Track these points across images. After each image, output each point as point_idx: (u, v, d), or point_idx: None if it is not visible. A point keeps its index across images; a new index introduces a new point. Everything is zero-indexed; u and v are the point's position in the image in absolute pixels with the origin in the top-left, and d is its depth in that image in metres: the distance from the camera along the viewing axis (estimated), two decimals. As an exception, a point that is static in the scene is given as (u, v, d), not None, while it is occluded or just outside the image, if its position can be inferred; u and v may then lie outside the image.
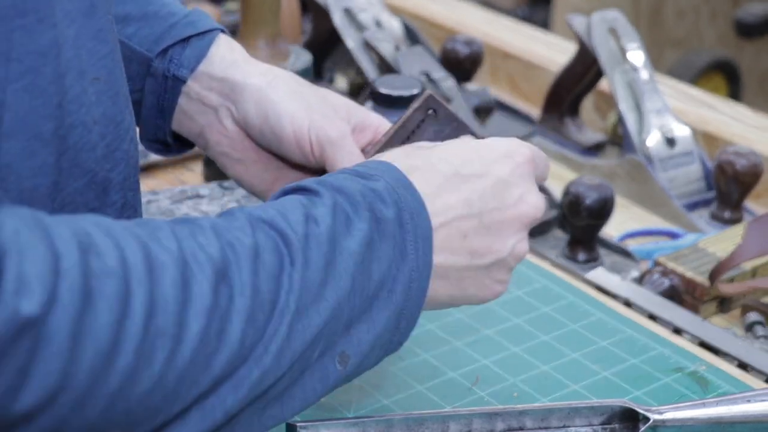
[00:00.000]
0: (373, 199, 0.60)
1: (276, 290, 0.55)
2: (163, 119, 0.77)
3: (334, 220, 0.59)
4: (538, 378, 0.79)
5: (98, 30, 0.58)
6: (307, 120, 0.73)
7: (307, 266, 0.56)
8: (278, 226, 0.57)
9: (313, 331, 0.56)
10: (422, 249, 0.61)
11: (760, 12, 2.49)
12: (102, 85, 0.58)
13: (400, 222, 0.60)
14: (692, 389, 0.79)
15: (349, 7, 1.29)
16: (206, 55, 0.75)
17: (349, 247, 0.58)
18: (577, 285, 0.92)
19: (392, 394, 0.77)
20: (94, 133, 0.57)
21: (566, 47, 1.42)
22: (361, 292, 0.59)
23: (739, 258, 0.91)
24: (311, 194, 0.60)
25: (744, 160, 1.07)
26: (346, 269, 0.58)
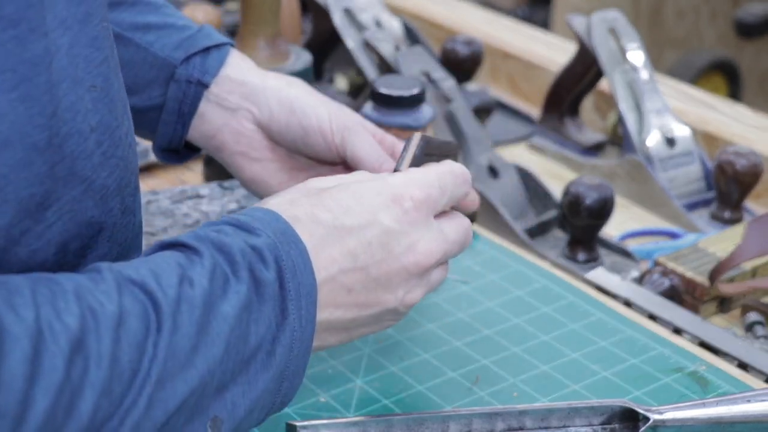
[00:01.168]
0: (254, 258, 0.58)
1: (138, 359, 0.52)
2: (183, 124, 0.80)
3: (211, 282, 0.56)
4: (538, 378, 0.79)
5: (94, 38, 0.58)
6: (326, 112, 0.78)
7: (175, 332, 0.53)
8: (148, 287, 0.54)
9: (178, 400, 0.53)
10: (305, 308, 0.59)
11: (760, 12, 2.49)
12: (99, 93, 0.58)
13: (281, 283, 0.58)
14: (692, 389, 0.79)
15: (349, 7, 1.29)
16: (225, 63, 0.79)
17: (225, 311, 0.56)
18: (577, 285, 0.92)
19: (392, 394, 0.77)
20: (91, 140, 0.57)
21: (566, 47, 1.42)
22: (236, 356, 0.56)
23: (739, 258, 0.91)
24: (191, 252, 0.57)
25: (744, 160, 1.07)
26: (219, 334, 0.55)
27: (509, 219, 1.06)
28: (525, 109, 1.36)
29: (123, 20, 0.79)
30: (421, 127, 0.97)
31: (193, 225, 0.91)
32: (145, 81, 0.79)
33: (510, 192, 1.10)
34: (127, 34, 0.79)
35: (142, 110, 0.80)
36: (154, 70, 0.79)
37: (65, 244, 0.56)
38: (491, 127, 1.28)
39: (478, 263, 0.95)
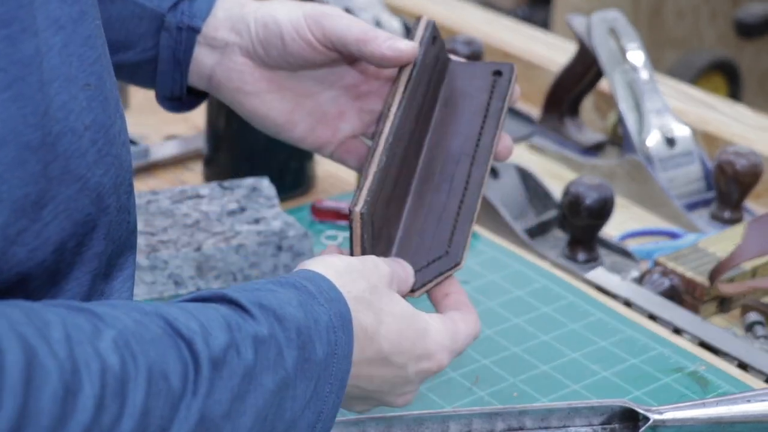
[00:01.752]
0: (309, 337, 0.58)
1: (170, 416, 0.51)
2: (180, 72, 0.78)
3: (257, 353, 0.55)
4: (538, 378, 0.79)
5: (87, 36, 0.58)
6: (300, 13, 0.75)
7: (210, 396, 0.53)
8: (195, 347, 0.53)
9: None
10: (336, 392, 0.60)
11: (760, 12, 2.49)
12: (93, 91, 0.58)
13: (326, 364, 0.59)
14: (692, 389, 0.79)
15: (349, 7, 1.29)
16: (215, 4, 0.77)
17: (266, 384, 0.56)
18: (577, 285, 0.92)
19: (392, 394, 0.77)
20: (85, 139, 0.57)
21: (566, 47, 1.42)
22: (270, 429, 0.57)
23: (739, 258, 0.91)
24: (246, 315, 0.57)
25: (744, 160, 1.07)
26: (255, 405, 0.55)
27: (509, 219, 1.06)
28: (525, 109, 1.36)
29: None
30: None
31: (193, 225, 0.91)
32: (137, 35, 0.78)
33: (510, 192, 1.10)
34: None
35: (138, 63, 0.79)
36: (144, 23, 0.78)
37: (63, 242, 0.56)
38: (491, 127, 1.28)
39: (478, 263, 0.95)
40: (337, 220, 1.03)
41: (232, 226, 0.91)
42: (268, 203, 0.95)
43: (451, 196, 0.74)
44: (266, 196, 0.96)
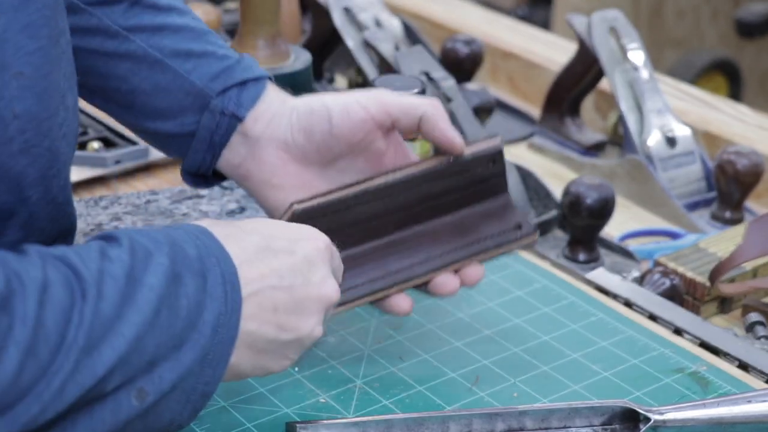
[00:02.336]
0: (174, 239, 0.61)
1: (64, 324, 0.54)
2: (213, 154, 0.80)
3: (132, 257, 0.58)
4: (539, 378, 0.79)
5: (26, 24, 0.58)
6: (354, 96, 0.77)
7: (100, 300, 0.56)
8: (70, 261, 0.56)
9: (105, 365, 0.56)
10: (231, 295, 0.62)
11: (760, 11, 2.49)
12: (26, 81, 0.58)
13: (203, 262, 0.61)
14: (693, 390, 0.79)
15: (348, 6, 1.29)
16: (260, 97, 0.79)
17: (150, 282, 0.58)
18: (577, 285, 0.92)
19: (392, 394, 0.77)
20: (12, 127, 0.57)
21: (566, 47, 1.42)
22: (168, 329, 0.59)
23: (739, 258, 0.91)
24: (109, 237, 0.60)
25: (745, 159, 1.06)
26: (147, 303, 0.58)
27: (509, 219, 1.06)
28: (525, 109, 1.36)
29: (165, 46, 0.80)
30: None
31: (193, 225, 0.91)
32: (181, 107, 0.80)
33: (510, 192, 1.10)
34: (167, 61, 0.80)
35: (174, 135, 0.81)
36: (190, 98, 0.80)
37: None
38: (491, 126, 1.28)
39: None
40: None
41: (231, 226, 0.91)
42: (268, 203, 0.95)
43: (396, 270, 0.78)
44: (266, 196, 0.96)
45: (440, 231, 0.79)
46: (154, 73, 0.79)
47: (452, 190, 0.79)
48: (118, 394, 0.58)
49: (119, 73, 0.80)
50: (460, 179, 0.79)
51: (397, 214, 0.78)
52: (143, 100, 0.80)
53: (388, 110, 0.77)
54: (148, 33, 0.79)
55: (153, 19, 0.80)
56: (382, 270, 0.77)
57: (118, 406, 0.58)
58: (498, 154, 0.79)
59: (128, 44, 0.79)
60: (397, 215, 0.78)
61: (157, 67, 0.79)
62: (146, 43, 0.79)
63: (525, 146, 1.28)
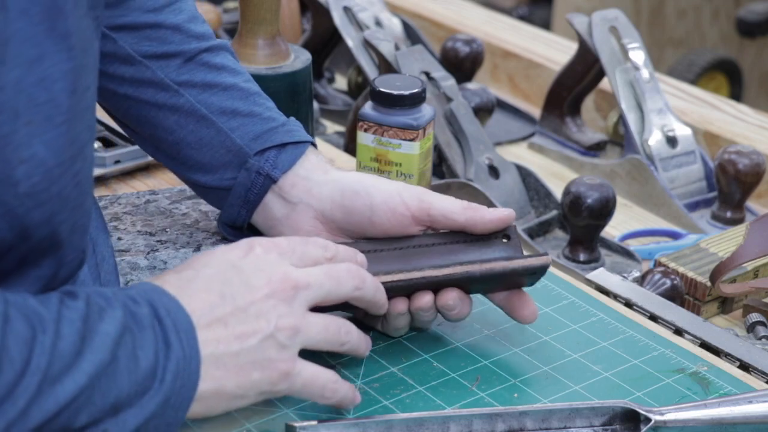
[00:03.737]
0: (127, 299, 0.64)
1: (28, 352, 0.58)
2: (247, 210, 0.84)
3: (88, 307, 0.62)
4: (539, 378, 0.79)
5: (42, 78, 0.60)
6: (393, 187, 0.80)
7: (59, 338, 0.59)
8: (29, 302, 0.60)
9: (67, 395, 0.59)
10: (185, 340, 0.64)
11: (762, 11, 2.49)
12: (36, 129, 0.60)
13: (156, 316, 0.64)
14: (694, 390, 0.79)
15: (349, 6, 1.29)
16: (299, 161, 0.83)
17: (105, 329, 0.61)
18: (577, 285, 0.92)
19: (392, 394, 0.76)
20: (19, 171, 0.60)
21: (567, 46, 1.41)
22: (129, 375, 0.61)
23: (740, 258, 0.91)
24: (68, 293, 0.63)
25: (746, 159, 1.06)
26: (104, 345, 0.61)
27: (510, 219, 1.05)
28: (525, 109, 1.36)
29: (213, 103, 0.84)
30: (421, 126, 0.97)
31: (192, 225, 0.91)
32: (221, 163, 0.84)
33: (510, 191, 1.10)
34: (213, 117, 0.84)
35: (212, 188, 0.85)
36: (231, 155, 0.84)
37: None
38: (491, 126, 1.28)
39: (478, 263, 0.94)
40: None
41: (231, 226, 0.91)
42: (268, 203, 0.95)
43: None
44: (266, 195, 0.96)
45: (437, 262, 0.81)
46: (199, 127, 0.84)
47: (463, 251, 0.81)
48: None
49: (167, 124, 0.85)
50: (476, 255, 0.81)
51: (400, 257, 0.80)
52: (187, 152, 0.85)
53: (430, 213, 0.79)
54: (198, 89, 0.84)
55: (205, 76, 0.85)
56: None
57: None
58: (512, 231, 0.81)
59: (178, 98, 0.84)
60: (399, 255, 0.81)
61: (203, 122, 0.84)
62: (195, 98, 0.84)
63: (525, 146, 1.28)
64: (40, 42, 0.60)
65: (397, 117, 0.96)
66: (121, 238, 0.89)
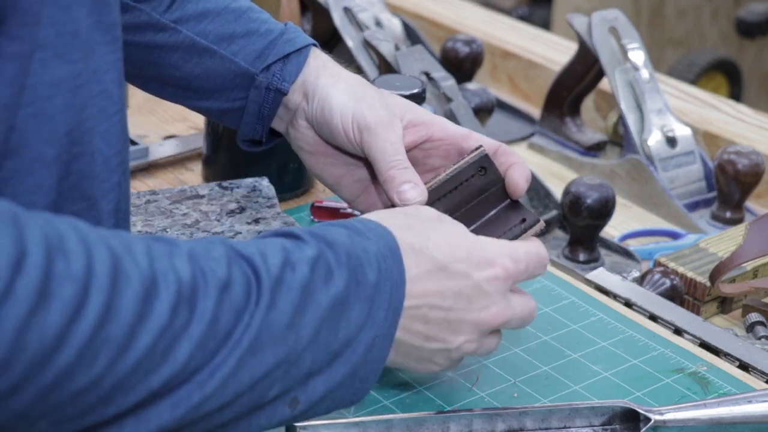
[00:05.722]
0: (359, 261, 0.63)
1: (234, 323, 0.58)
2: (263, 125, 0.86)
3: (313, 271, 0.62)
4: (539, 378, 0.79)
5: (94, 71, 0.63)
6: (352, 110, 0.80)
7: (272, 308, 0.59)
8: (254, 264, 0.60)
9: (264, 369, 0.59)
10: (391, 320, 0.65)
11: (761, 11, 2.49)
12: (93, 122, 0.63)
13: (378, 288, 0.64)
14: (693, 390, 0.79)
15: (349, 6, 1.29)
16: (302, 69, 0.84)
17: (321, 301, 0.61)
18: (577, 285, 0.92)
19: (392, 394, 0.77)
20: (98, 163, 0.62)
21: (566, 47, 1.41)
22: (326, 347, 0.62)
23: (740, 258, 0.91)
24: (299, 241, 0.63)
25: (745, 159, 1.06)
26: (312, 320, 0.61)
27: (509, 219, 1.05)
28: (525, 109, 1.36)
29: (210, 32, 0.85)
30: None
31: (193, 225, 0.91)
32: (230, 87, 0.86)
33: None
34: (214, 46, 0.85)
35: (227, 110, 0.87)
36: (238, 78, 0.85)
37: None
38: (491, 126, 1.28)
39: (478, 263, 0.94)
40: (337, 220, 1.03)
41: (231, 226, 0.91)
42: (268, 203, 0.95)
43: None
44: (266, 196, 0.96)
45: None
46: (203, 59, 0.85)
47: (456, 208, 0.79)
48: (276, 402, 0.62)
49: (171, 62, 0.86)
50: (460, 195, 0.79)
51: None
52: (197, 83, 0.86)
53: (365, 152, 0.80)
54: (193, 22, 0.85)
55: (195, 6, 0.86)
56: None
57: (273, 412, 0.62)
58: (484, 161, 0.79)
59: (177, 35, 0.85)
60: None
61: (205, 54, 0.85)
62: (192, 31, 0.85)
63: (525, 146, 1.28)
64: (90, 35, 0.62)
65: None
66: (122, 238, 0.89)
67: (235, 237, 0.90)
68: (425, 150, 0.81)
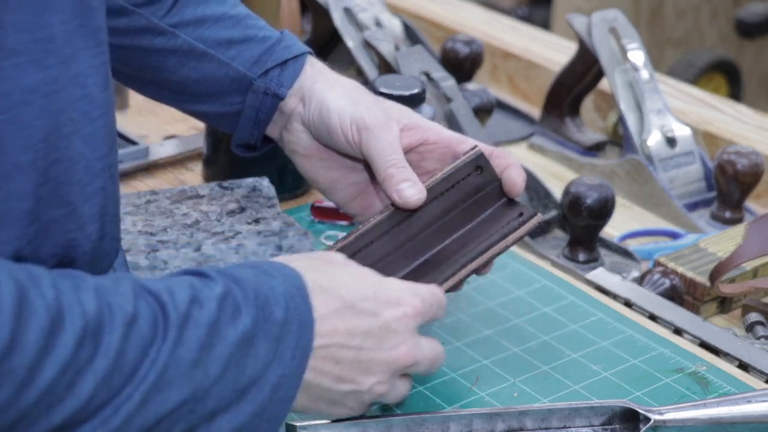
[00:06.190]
0: (266, 299, 0.63)
1: (140, 359, 0.58)
2: (258, 129, 0.87)
3: (220, 308, 0.61)
4: (539, 378, 0.79)
5: (76, 75, 0.62)
6: (351, 112, 0.82)
7: (179, 344, 0.59)
8: (162, 300, 0.60)
9: (169, 406, 0.59)
10: (299, 359, 0.64)
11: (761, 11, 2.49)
12: (75, 126, 0.62)
13: (286, 327, 0.63)
14: (693, 389, 0.79)
15: (349, 6, 1.29)
16: (299, 75, 0.85)
17: (228, 338, 0.61)
18: (577, 285, 0.92)
19: (392, 394, 0.76)
20: (76, 170, 0.62)
21: (566, 47, 1.42)
22: (233, 384, 0.61)
23: (739, 258, 0.91)
24: (207, 279, 0.63)
25: (745, 159, 1.06)
26: (219, 357, 0.60)
27: (509, 219, 1.06)
28: (525, 109, 1.36)
29: (208, 37, 0.86)
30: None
31: (193, 225, 0.91)
32: (227, 91, 0.87)
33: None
34: (212, 51, 0.86)
35: (222, 114, 0.88)
36: (235, 83, 0.86)
37: (44, 261, 0.61)
38: (491, 126, 1.28)
39: (478, 263, 0.94)
40: (337, 220, 1.03)
41: (231, 226, 0.91)
42: (268, 203, 0.95)
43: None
44: (266, 196, 0.96)
45: (451, 248, 0.80)
46: (201, 63, 0.86)
47: (454, 207, 0.80)
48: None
49: (169, 66, 0.87)
50: (457, 193, 0.80)
51: (409, 244, 0.80)
52: (194, 87, 0.87)
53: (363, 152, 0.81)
54: (192, 27, 0.86)
55: (194, 12, 0.86)
56: None
57: None
58: (480, 160, 0.80)
59: (175, 39, 0.86)
60: (409, 246, 0.80)
61: (203, 58, 0.86)
62: (191, 36, 0.86)
63: (525, 146, 1.28)
64: (71, 39, 0.61)
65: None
66: (122, 238, 0.89)
67: (235, 237, 0.90)
68: (420, 153, 0.82)
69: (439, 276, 0.77)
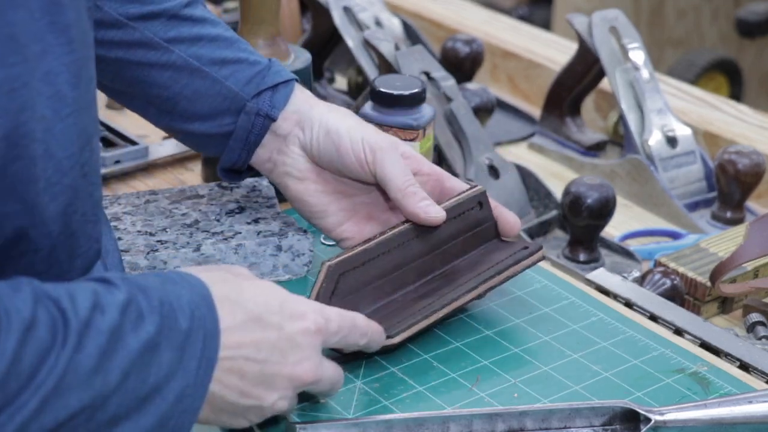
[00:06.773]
0: (171, 307, 0.63)
1: (38, 365, 0.57)
2: (248, 151, 0.88)
3: (123, 315, 0.61)
4: (539, 379, 0.79)
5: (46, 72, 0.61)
6: (361, 133, 0.84)
7: (79, 350, 0.58)
8: (62, 305, 0.59)
9: (68, 412, 0.58)
10: (204, 370, 0.64)
11: (761, 11, 2.49)
12: (47, 123, 0.61)
13: (190, 336, 0.63)
14: (694, 390, 0.79)
15: (348, 6, 1.29)
16: (290, 99, 0.87)
17: (130, 345, 0.60)
18: (577, 285, 0.92)
19: (392, 394, 0.76)
20: (38, 167, 0.61)
21: (567, 46, 1.41)
22: (134, 392, 0.61)
23: (740, 258, 0.91)
24: (110, 285, 0.62)
25: (746, 159, 1.06)
26: (120, 364, 0.60)
27: (510, 219, 1.05)
28: (525, 109, 1.36)
29: (202, 55, 0.87)
30: (421, 126, 0.97)
31: (192, 225, 0.91)
32: (219, 110, 0.87)
33: (510, 192, 1.10)
34: (206, 68, 0.87)
35: (212, 135, 0.88)
36: (227, 102, 0.87)
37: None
38: (491, 126, 1.28)
39: (478, 263, 0.94)
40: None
41: (231, 226, 0.91)
42: (268, 203, 0.95)
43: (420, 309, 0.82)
44: (265, 196, 0.96)
45: (456, 272, 0.85)
46: (194, 80, 0.87)
47: (456, 235, 0.85)
48: None
49: (161, 81, 0.87)
50: (460, 223, 0.85)
51: (415, 264, 0.84)
52: (184, 105, 0.87)
53: (376, 174, 0.84)
54: (187, 44, 0.87)
55: (190, 30, 0.87)
56: (409, 311, 0.81)
57: None
58: (481, 197, 0.86)
59: (169, 55, 0.87)
60: (415, 265, 0.84)
61: (196, 74, 0.87)
62: (185, 53, 0.86)
63: (525, 146, 1.28)
64: (42, 37, 0.60)
65: (397, 117, 0.96)
66: (121, 238, 0.89)
67: (234, 237, 0.90)
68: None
69: (437, 303, 0.81)
